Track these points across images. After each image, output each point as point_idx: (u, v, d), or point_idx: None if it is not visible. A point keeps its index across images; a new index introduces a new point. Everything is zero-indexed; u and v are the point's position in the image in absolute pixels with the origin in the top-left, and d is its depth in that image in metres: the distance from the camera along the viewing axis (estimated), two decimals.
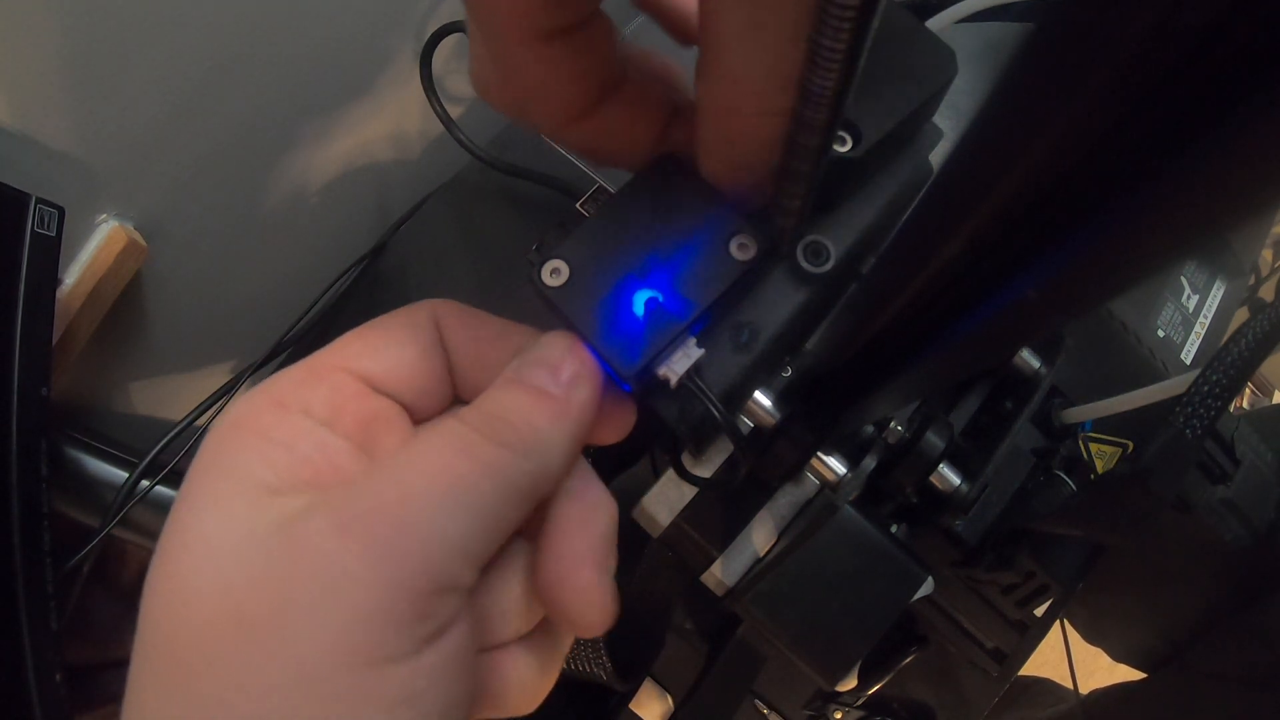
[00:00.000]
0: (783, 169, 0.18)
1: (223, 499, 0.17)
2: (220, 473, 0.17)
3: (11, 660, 0.38)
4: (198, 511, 0.17)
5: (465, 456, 0.17)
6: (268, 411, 0.18)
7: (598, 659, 0.41)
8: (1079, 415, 0.36)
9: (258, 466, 0.17)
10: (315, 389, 0.18)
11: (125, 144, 0.42)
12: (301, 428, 0.18)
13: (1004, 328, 0.13)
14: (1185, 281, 0.55)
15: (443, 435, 0.17)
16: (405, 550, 0.15)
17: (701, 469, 0.32)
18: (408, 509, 0.16)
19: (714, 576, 0.33)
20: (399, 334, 0.20)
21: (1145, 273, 0.10)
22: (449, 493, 0.16)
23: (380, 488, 0.16)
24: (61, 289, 0.41)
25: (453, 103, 0.59)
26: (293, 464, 0.17)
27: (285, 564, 0.15)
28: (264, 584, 0.15)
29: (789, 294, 0.23)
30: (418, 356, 0.20)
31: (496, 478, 0.17)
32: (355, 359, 0.19)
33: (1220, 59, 0.08)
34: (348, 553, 0.15)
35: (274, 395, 0.18)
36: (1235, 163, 0.08)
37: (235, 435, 0.18)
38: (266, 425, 0.18)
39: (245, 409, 0.18)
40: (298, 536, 0.15)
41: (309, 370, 0.19)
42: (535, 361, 0.19)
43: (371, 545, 0.15)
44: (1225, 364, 0.26)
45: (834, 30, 0.12)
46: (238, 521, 0.16)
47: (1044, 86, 0.09)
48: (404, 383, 0.20)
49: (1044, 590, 0.36)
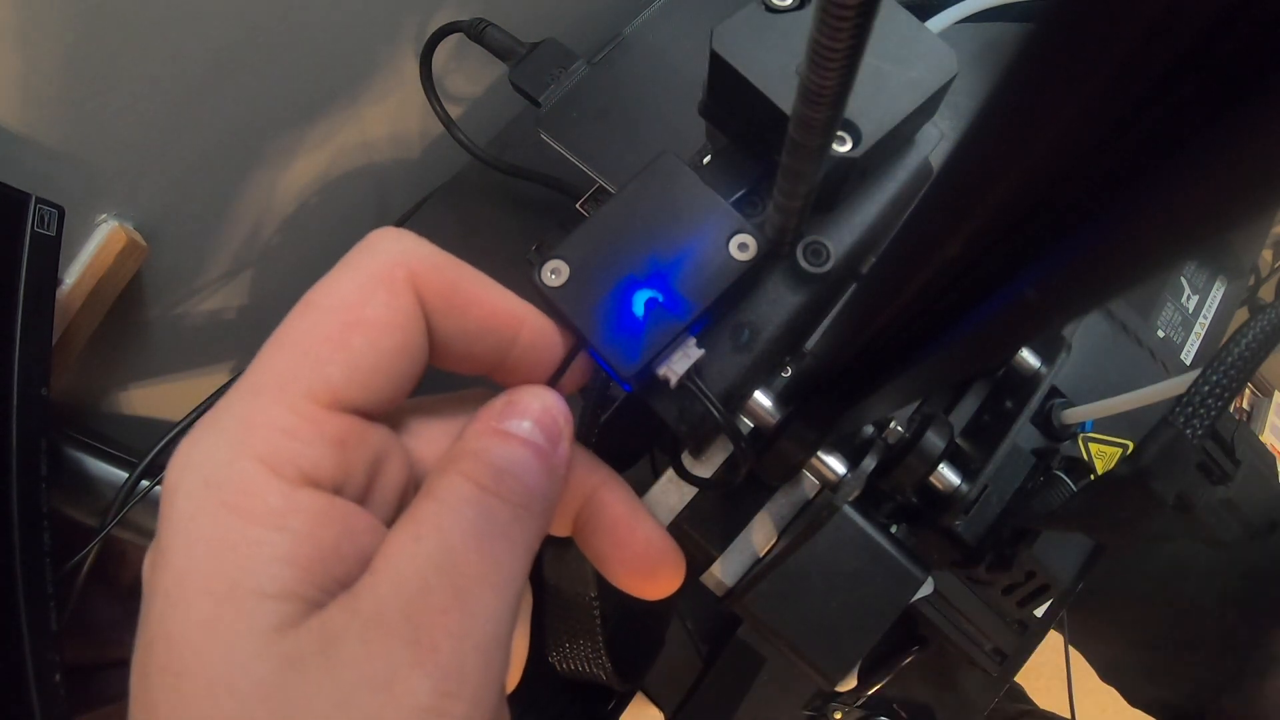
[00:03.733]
0: (783, 169, 0.18)
1: (224, 629, 0.13)
2: (215, 582, 0.13)
3: (11, 660, 0.38)
4: (192, 641, 0.13)
5: (504, 540, 0.15)
6: (261, 481, 0.14)
7: (598, 659, 0.41)
8: (1079, 415, 0.36)
9: (267, 579, 0.13)
10: (312, 443, 0.15)
11: (125, 144, 0.42)
12: (315, 508, 0.14)
13: (1004, 328, 0.13)
14: (1185, 282, 0.55)
15: (471, 512, 0.15)
16: (486, 682, 0.14)
17: (701, 469, 0.32)
18: (472, 622, 0.14)
19: (714, 576, 0.33)
20: (387, 333, 0.16)
21: (1145, 273, 0.10)
22: (501, 584, 0.15)
23: (442, 602, 0.14)
24: (61, 289, 0.41)
25: (453, 103, 0.59)
26: (314, 561, 0.14)
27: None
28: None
29: (789, 294, 0.23)
30: (413, 361, 0.17)
31: (528, 555, 0.16)
32: (344, 386, 0.15)
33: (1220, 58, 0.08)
34: (430, 698, 0.13)
35: (259, 453, 0.14)
36: (1235, 163, 0.08)
37: (226, 521, 0.14)
38: (269, 506, 0.14)
39: (224, 474, 0.14)
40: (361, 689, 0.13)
41: (292, 411, 0.15)
42: (526, 414, 0.17)
43: (463, 686, 0.14)
44: (1225, 364, 0.26)
45: (833, 29, 0.12)
46: (250, 667, 0.13)
47: (1044, 86, 0.09)
48: (401, 398, 0.17)
49: (1044, 590, 0.36)
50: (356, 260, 0.16)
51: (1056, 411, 0.37)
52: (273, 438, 0.14)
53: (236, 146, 0.48)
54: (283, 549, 0.14)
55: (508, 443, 0.17)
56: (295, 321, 0.16)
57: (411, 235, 0.17)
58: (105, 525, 0.44)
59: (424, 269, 0.17)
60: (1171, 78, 0.08)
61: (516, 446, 0.17)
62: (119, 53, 0.38)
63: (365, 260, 0.16)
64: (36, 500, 0.39)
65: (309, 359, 0.15)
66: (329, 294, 0.16)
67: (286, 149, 0.53)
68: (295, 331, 0.16)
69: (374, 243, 0.17)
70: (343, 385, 0.15)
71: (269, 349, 0.15)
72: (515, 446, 0.17)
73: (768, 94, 0.21)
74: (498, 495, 0.16)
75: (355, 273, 0.16)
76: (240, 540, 0.14)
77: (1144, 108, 0.09)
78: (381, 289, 0.16)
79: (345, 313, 0.16)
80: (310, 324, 0.16)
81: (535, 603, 0.42)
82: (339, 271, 0.16)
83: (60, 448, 0.45)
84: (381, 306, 0.16)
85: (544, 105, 0.49)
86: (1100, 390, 0.36)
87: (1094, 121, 0.09)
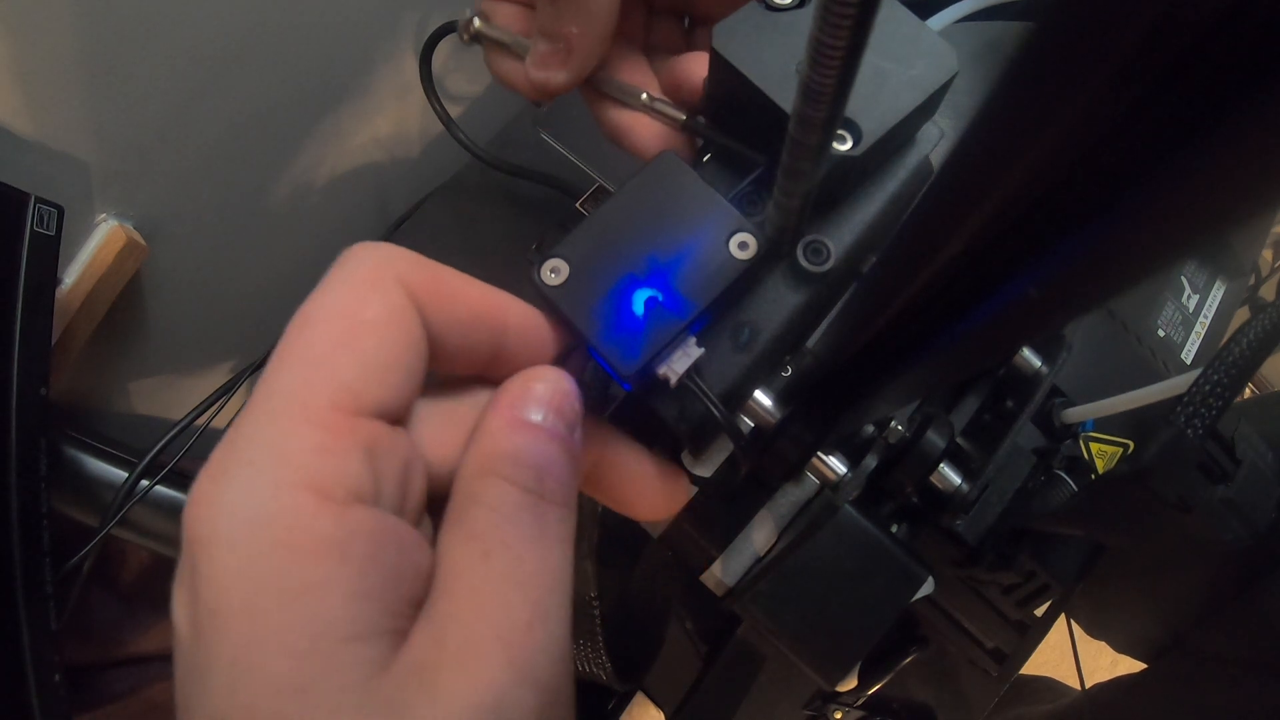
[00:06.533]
0: (783, 168, 0.18)
1: (319, 691, 0.12)
2: (294, 638, 0.12)
3: (11, 660, 0.38)
4: (283, 712, 0.12)
5: (561, 544, 0.16)
6: (312, 510, 0.13)
7: (598, 659, 0.41)
8: (1080, 415, 0.36)
9: (348, 622, 0.13)
10: (349, 457, 0.14)
11: (125, 144, 0.42)
12: (370, 528, 0.14)
13: (1005, 327, 0.13)
14: (1185, 281, 0.55)
15: (527, 518, 0.15)
16: (569, 681, 0.15)
17: (701, 469, 0.32)
18: (554, 630, 0.15)
19: (714, 576, 0.33)
20: (391, 330, 0.16)
21: (1146, 272, 0.10)
22: (566, 588, 0.15)
23: (526, 618, 0.14)
24: (61, 289, 0.41)
25: (453, 103, 0.59)
26: (385, 588, 0.13)
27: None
28: None
29: (789, 293, 0.23)
30: (419, 356, 0.16)
31: (572, 545, 0.16)
32: (363, 387, 0.15)
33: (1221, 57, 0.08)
34: (537, 708, 0.14)
35: (301, 480, 0.13)
36: (1235, 163, 0.08)
37: (286, 564, 0.12)
38: (329, 537, 0.13)
39: (269, 510, 0.13)
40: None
41: (321, 427, 0.14)
42: (541, 401, 0.18)
43: (559, 694, 0.14)
44: (1226, 364, 0.26)
45: (833, 28, 0.12)
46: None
47: (1044, 85, 0.09)
48: (412, 394, 0.17)
49: (1044, 590, 0.36)
50: (341, 272, 0.16)
51: (1057, 411, 0.37)
52: (311, 459, 0.13)
53: (236, 146, 0.48)
54: (354, 583, 0.13)
55: (536, 438, 0.17)
56: (295, 338, 0.15)
57: (388, 244, 0.17)
58: (105, 525, 0.44)
59: (407, 269, 0.17)
60: (1172, 77, 0.08)
61: (543, 439, 0.17)
62: (119, 53, 0.38)
63: (350, 269, 0.16)
64: (36, 500, 0.39)
65: (322, 368, 0.14)
66: (323, 306, 0.15)
67: (286, 149, 0.53)
68: (299, 346, 0.15)
69: (354, 253, 0.16)
70: (362, 388, 0.15)
71: (274, 370, 0.15)
72: (542, 440, 0.17)
73: (768, 92, 0.21)
74: (541, 496, 0.16)
75: (344, 282, 0.16)
76: (308, 583, 0.12)
77: (1144, 107, 0.09)
78: (374, 291, 0.16)
79: (346, 318, 0.15)
80: (313, 336, 0.15)
81: None
82: (326, 285, 0.16)
83: (60, 447, 0.45)
84: (379, 306, 0.16)
85: (544, 104, 0.49)
86: (1101, 390, 0.36)
87: (1095, 120, 0.09)
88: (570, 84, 0.24)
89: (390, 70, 0.56)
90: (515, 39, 0.24)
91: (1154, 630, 0.45)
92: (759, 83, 0.21)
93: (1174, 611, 0.43)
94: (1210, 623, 0.41)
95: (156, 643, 0.53)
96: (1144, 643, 0.47)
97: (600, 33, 0.23)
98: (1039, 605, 0.37)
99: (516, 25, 0.25)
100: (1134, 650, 0.49)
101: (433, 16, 0.55)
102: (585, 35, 0.22)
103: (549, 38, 0.23)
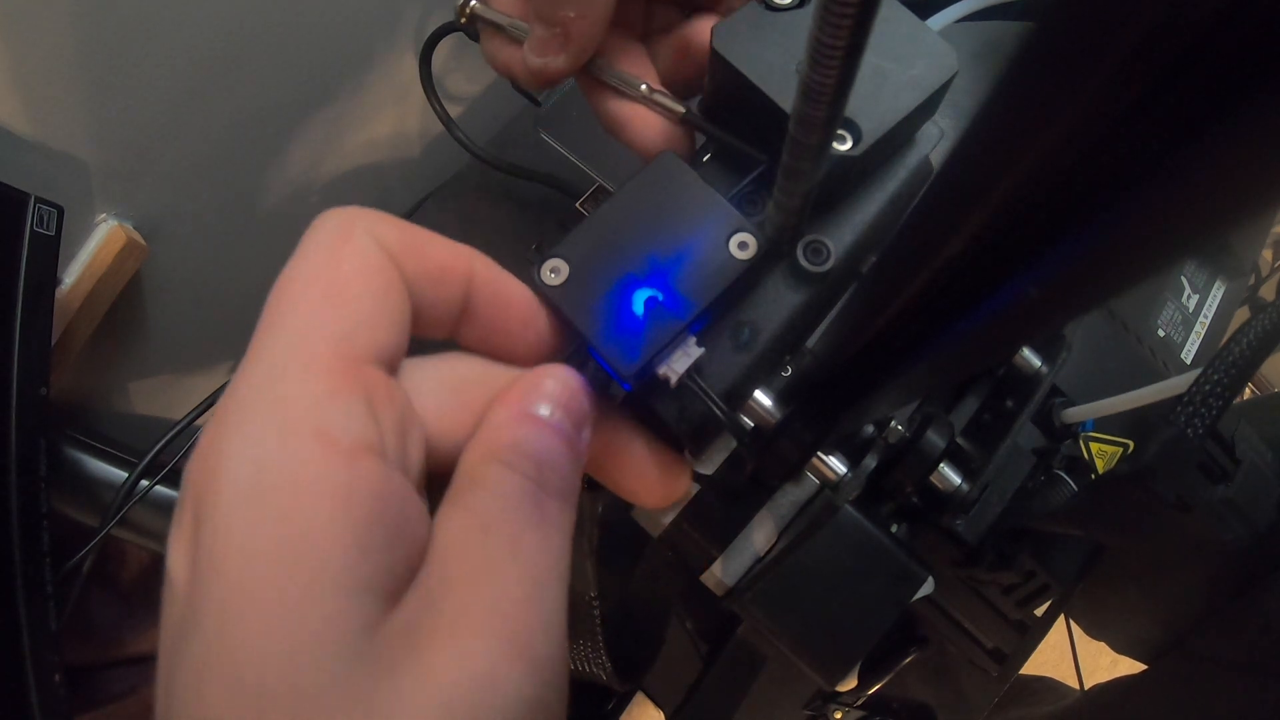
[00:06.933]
0: (783, 167, 0.18)
1: (309, 639, 0.12)
2: (288, 583, 0.12)
3: (11, 660, 0.38)
4: (271, 655, 0.12)
5: (559, 533, 0.16)
6: (320, 457, 0.13)
7: (598, 659, 0.41)
8: (1080, 415, 0.36)
9: (344, 573, 0.12)
10: (356, 403, 0.14)
11: (125, 144, 0.42)
12: (376, 480, 0.13)
13: (1005, 327, 0.13)
14: (1185, 281, 0.55)
15: (528, 504, 0.15)
16: (564, 664, 0.15)
17: (702, 468, 0.32)
18: (550, 610, 0.15)
19: (714, 576, 0.33)
20: (372, 279, 0.16)
21: (1146, 272, 0.10)
22: (563, 575, 0.16)
23: (523, 594, 0.14)
24: (61, 288, 0.41)
25: (453, 102, 0.59)
26: (383, 547, 0.13)
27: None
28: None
29: (789, 293, 0.23)
30: (404, 303, 0.16)
31: (570, 542, 0.16)
32: (358, 333, 0.15)
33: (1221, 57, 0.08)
34: (529, 688, 0.14)
35: (310, 426, 0.13)
36: (1235, 163, 0.08)
37: (291, 508, 0.12)
38: (337, 484, 0.13)
39: (277, 456, 0.13)
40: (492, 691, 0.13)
41: (328, 372, 0.14)
42: (553, 398, 0.18)
43: (555, 674, 0.14)
44: (1226, 364, 0.26)
45: (833, 28, 0.12)
46: (343, 680, 0.12)
47: (1044, 85, 0.09)
48: (404, 344, 0.17)
49: (1044, 590, 0.36)
50: (313, 235, 0.16)
51: (1057, 411, 0.37)
52: (317, 406, 0.13)
53: (236, 146, 0.48)
54: (356, 534, 0.13)
55: (542, 432, 0.17)
56: (281, 299, 0.15)
57: (352, 206, 0.17)
58: (105, 525, 0.44)
59: (375, 224, 0.17)
60: (1171, 77, 0.08)
61: (549, 435, 0.17)
62: (119, 53, 0.38)
63: (322, 232, 0.16)
64: (36, 500, 0.39)
65: (315, 321, 0.14)
66: (302, 268, 0.15)
67: (286, 148, 0.53)
68: (285, 306, 0.15)
69: (322, 218, 0.17)
70: (357, 336, 0.15)
71: (265, 330, 0.15)
72: (547, 435, 0.17)
73: (768, 92, 0.21)
74: (542, 486, 0.16)
75: (318, 244, 0.16)
76: (309, 529, 0.12)
77: (1144, 107, 0.09)
78: (348, 246, 0.16)
79: (327, 272, 0.15)
80: (299, 294, 0.15)
81: None
82: (301, 251, 0.16)
83: (60, 447, 0.45)
84: (356, 257, 0.16)
85: (544, 104, 0.49)
86: (1101, 389, 0.36)
87: (1094, 120, 0.09)
88: (569, 70, 0.24)
89: (390, 70, 0.56)
90: (513, 22, 0.24)
91: (1153, 631, 0.45)
92: (759, 83, 0.21)
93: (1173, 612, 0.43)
94: (1210, 624, 0.41)
95: (156, 643, 0.53)
96: (1143, 643, 0.47)
97: (598, 17, 0.22)
98: (1039, 605, 0.37)
99: (514, 9, 0.25)
100: (1133, 651, 0.49)
101: (433, 16, 0.55)
102: (583, 20, 0.22)
103: (546, 22, 0.23)
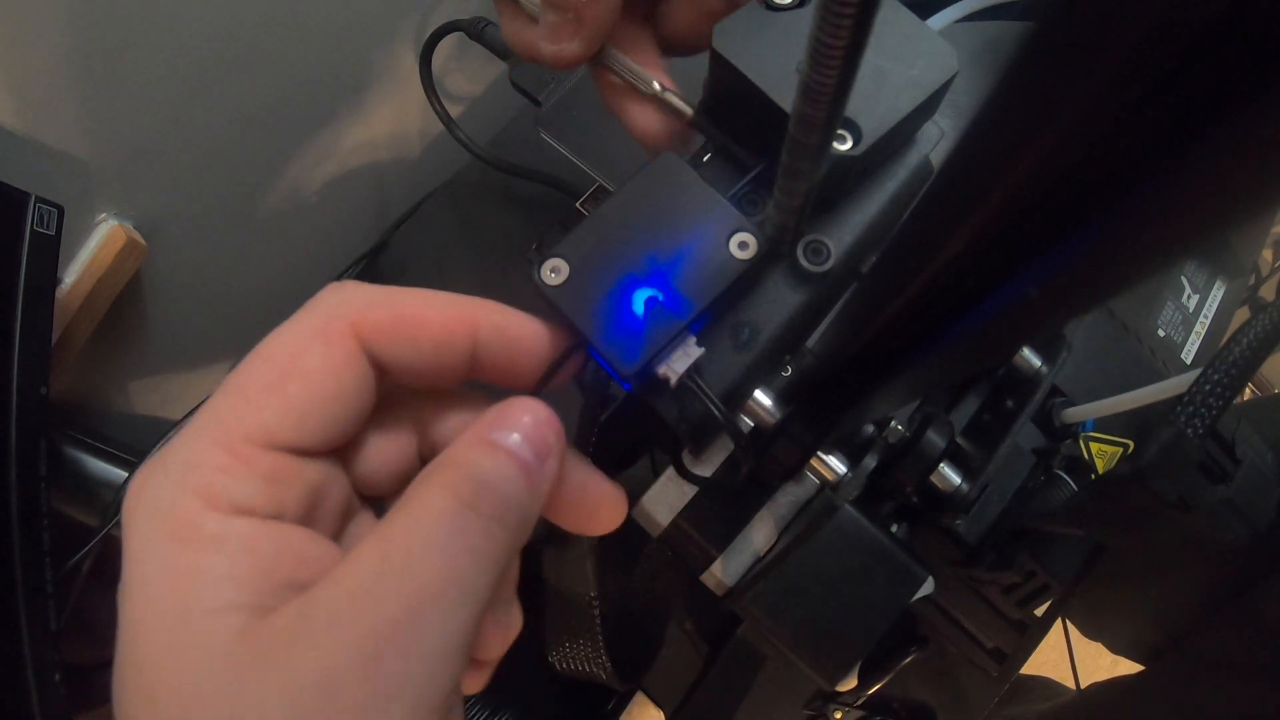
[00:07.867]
0: (783, 167, 0.18)
1: (184, 650, 0.15)
2: (170, 607, 0.15)
3: (11, 660, 0.38)
4: (158, 664, 0.15)
5: (470, 554, 0.16)
6: (199, 514, 0.16)
7: (598, 659, 0.41)
8: (1080, 415, 0.36)
9: (211, 598, 0.15)
10: (245, 480, 0.16)
11: (125, 143, 0.42)
12: (248, 531, 0.16)
13: (1005, 326, 0.13)
14: (1185, 281, 0.55)
15: (441, 524, 0.16)
16: (431, 687, 0.15)
17: (701, 468, 0.32)
18: (421, 634, 0.15)
19: (714, 576, 0.33)
20: (322, 380, 0.17)
21: (1146, 272, 0.10)
22: (459, 598, 0.15)
23: (393, 613, 0.15)
24: (61, 288, 0.41)
25: (453, 102, 0.59)
26: (254, 574, 0.16)
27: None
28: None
29: (789, 293, 0.23)
30: (349, 405, 0.18)
31: (496, 568, 0.16)
32: (278, 428, 0.17)
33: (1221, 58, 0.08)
34: (374, 693, 0.14)
35: (197, 490, 0.16)
36: (1235, 162, 0.08)
37: (173, 551, 0.15)
38: (208, 534, 0.15)
39: (167, 510, 0.16)
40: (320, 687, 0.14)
41: (228, 452, 0.16)
42: (516, 427, 0.18)
43: (405, 690, 0.15)
44: (1226, 364, 0.26)
45: (833, 27, 0.12)
46: (215, 677, 0.14)
47: (1044, 85, 0.09)
48: (339, 438, 0.18)
49: (1044, 590, 0.36)
50: (301, 315, 0.18)
51: (1057, 411, 0.37)
52: (209, 476, 0.16)
53: (236, 146, 0.48)
54: (223, 569, 0.15)
55: (494, 455, 0.17)
56: (242, 369, 0.17)
57: (354, 284, 0.19)
58: (105, 525, 0.44)
59: (362, 313, 0.18)
60: (1171, 77, 0.08)
61: (502, 459, 0.17)
62: (119, 53, 0.38)
63: (307, 315, 0.18)
64: (36, 500, 0.39)
65: (249, 404, 0.17)
66: (272, 345, 0.18)
67: (286, 148, 0.53)
68: (240, 378, 0.17)
69: (319, 298, 0.19)
70: (276, 427, 0.17)
71: (217, 394, 0.17)
72: (501, 459, 0.17)
73: (768, 92, 0.21)
74: (473, 508, 0.16)
75: (297, 327, 0.18)
76: (186, 567, 0.15)
77: (1144, 107, 0.09)
78: (318, 341, 0.18)
79: (285, 362, 0.17)
80: (252, 372, 0.17)
81: (535, 603, 0.42)
82: (285, 325, 0.18)
83: (60, 447, 0.45)
84: (318, 357, 0.17)
85: (544, 104, 0.49)
86: (1101, 389, 0.35)
87: (1094, 120, 0.09)
88: (585, 54, 0.24)
89: (390, 70, 0.56)
90: (531, 0, 0.24)
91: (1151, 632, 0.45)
92: (759, 83, 0.21)
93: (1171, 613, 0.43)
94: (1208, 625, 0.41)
95: None
96: (1141, 644, 0.47)
97: (610, 1, 0.23)
98: (1039, 605, 0.37)
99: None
100: (1131, 652, 0.49)
101: (433, 16, 0.55)
102: (593, 3, 0.22)
103: (557, 8, 0.23)
